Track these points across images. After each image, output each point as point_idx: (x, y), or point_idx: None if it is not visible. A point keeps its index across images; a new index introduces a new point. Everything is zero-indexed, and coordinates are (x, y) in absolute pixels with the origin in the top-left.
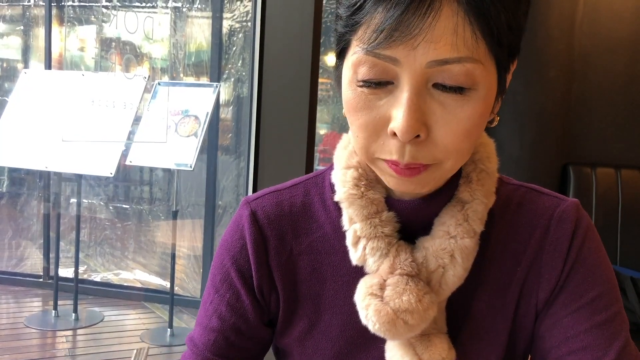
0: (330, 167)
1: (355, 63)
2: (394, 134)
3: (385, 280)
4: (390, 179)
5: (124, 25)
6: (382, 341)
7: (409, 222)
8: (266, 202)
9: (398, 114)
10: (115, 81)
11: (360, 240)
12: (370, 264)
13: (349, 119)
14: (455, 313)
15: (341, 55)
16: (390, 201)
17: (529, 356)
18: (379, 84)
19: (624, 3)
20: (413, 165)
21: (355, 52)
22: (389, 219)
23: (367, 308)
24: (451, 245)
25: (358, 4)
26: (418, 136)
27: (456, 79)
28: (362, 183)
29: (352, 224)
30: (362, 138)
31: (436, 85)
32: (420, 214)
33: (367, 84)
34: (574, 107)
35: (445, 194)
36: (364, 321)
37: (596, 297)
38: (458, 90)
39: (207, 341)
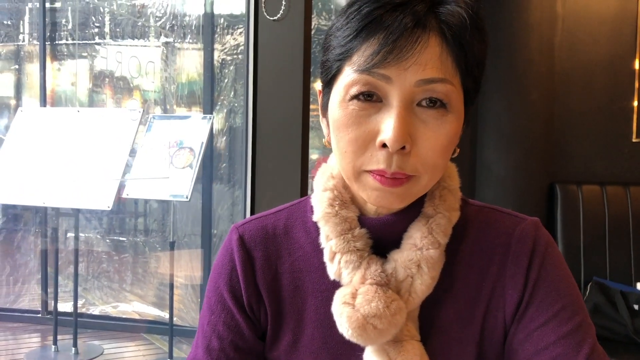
0: (312, 193)
1: (348, 84)
2: (383, 146)
3: (357, 290)
4: (373, 193)
5: (116, 60)
6: (361, 350)
7: (381, 237)
8: (252, 227)
9: (388, 126)
10: (110, 116)
11: (335, 255)
12: (345, 276)
13: (337, 137)
14: (427, 322)
15: (330, 83)
16: (363, 219)
17: None
18: (370, 99)
19: (600, 26)
20: (398, 174)
21: (348, 75)
22: (361, 234)
23: (341, 316)
24: (417, 255)
25: (354, 33)
26: (404, 148)
27: (438, 95)
28: (337, 203)
29: (328, 241)
30: (351, 152)
31: (420, 104)
32: (390, 230)
33: (359, 98)
34: (557, 128)
35: (412, 211)
36: (339, 329)
37: (560, 309)
38: (439, 105)
39: (206, 357)
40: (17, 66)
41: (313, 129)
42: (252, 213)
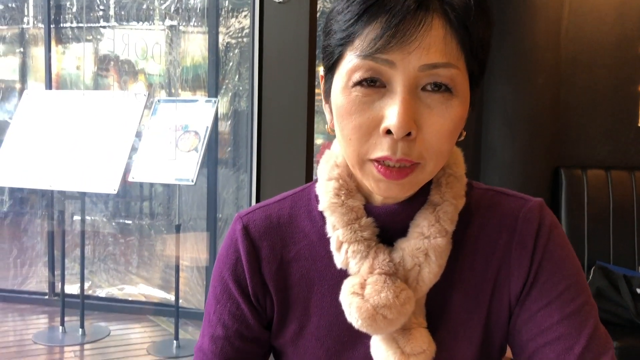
0: (315, 181)
1: (351, 69)
2: (387, 132)
3: (365, 280)
4: (377, 184)
5: (121, 43)
6: (368, 338)
7: (387, 226)
8: (256, 216)
9: (392, 113)
10: (115, 99)
11: (342, 244)
12: (352, 266)
13: (341, 124)
14: (433, 309)
15: (332, 68)
16: (369, 208)
17: (507, 350)
18: (373, 84)
19: (607, 9)
20: (403, 161)
21: (350, 60)
22: (367, 224)
23: (350, 306)
24: (425, 244)
25: (356, 16)
26: (409, 134)
27: (442, 79)
28: (342, 192)
29: (334, 230)
30: (355, 139)
31: (424, 89)
32: (397, 218)
33: (362, 84)
34: (562, 112)
35: (418, 199)
36: (348, 318)
37: (564, 290)
38: (444, 90)
39: (215, 349)
40: (22, 49)
41: (318, 113)
42: (257, 197)
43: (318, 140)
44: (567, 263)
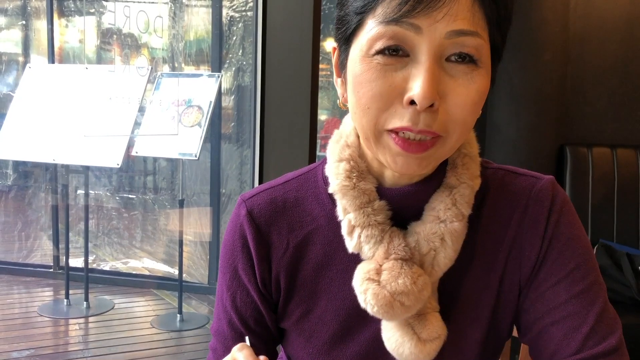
0: (323, 162)
1: (372, 37)
2: (410, 103)
3: (381, 266)
4: (393, 158)
5: (124, 16)
6: (377, 322)
7: (401, 209)
8: (260, 200)
9: (416, 83)
10: (118, 73)
11: (354, 229)
12: (366, 251)
13: (358, 93)
14: (444, 291)
15: (349, 38)
16: (382, 190)
17: (513, 331)
18: (396, 53)
19: None
20: (425, 132)
21: (372, 28)
22: (380, 207)
23: (366, 292)
24: (441, 229)
25: None
26: (432, 105)
27: (469, 50)
28: (354, 174)
29: (346, 214)
30: (375, 108)
31: (449, 59)
32: (411, 201)
33: (384, 52)
34: (569, 89)
35: (433, 181)
36: (362, 305)
37: (574, 268)
38: (469, 60)
39: (234, 334)
40: (24, 22)
41: (322, 89)
42: (260, 172)
43: (322, 116)
44: (577, 242)
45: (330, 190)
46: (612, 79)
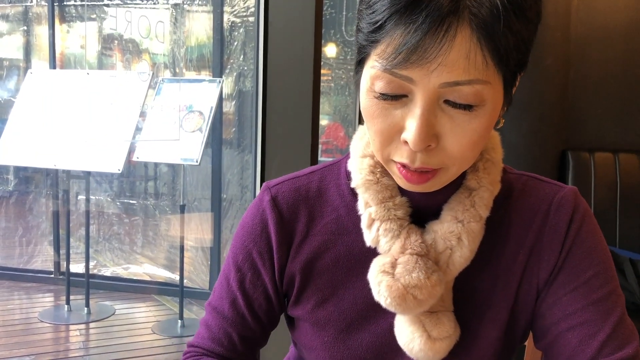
0: (346, 157)
1: (373, 77)
2: (407, 142)
3: (396, 259)
4: (400, 181)
5: (125, 22)
6: (391, 315)
7: (420, 207)
8: (285, 188)
9: (411, 126)
10: (119, 79)
11: (374, 222)
12: (383, 245)
13: (366, 123)
14: (461, 292)
15: (360, 63)
16: (403, 188)
17: (529, 335)
18: (395, 97)
19: None
20: (423, 169)
21: (373, 67)
22: (401, 203)
23: (380, 284)
24: (459, 228)
25: (379, 23)
26: (429, 145)
27: (466, 98)
28: (378, 170)
29: (367, 208)
30: (378, 142)
31: (447, 102)
32: (431, 201)
33: (384, 97)
34: (571, 94)
35: (454, 183)
36: (376, 297)
37: (592, 276)
38: (467, 107)
39: (235, 316)
40: (25, 27)
41: (323, 94)
42: (261, 177)
43: (323, 122)
44: (597, 251)
45: (353, 184)
46: (614, 84)
